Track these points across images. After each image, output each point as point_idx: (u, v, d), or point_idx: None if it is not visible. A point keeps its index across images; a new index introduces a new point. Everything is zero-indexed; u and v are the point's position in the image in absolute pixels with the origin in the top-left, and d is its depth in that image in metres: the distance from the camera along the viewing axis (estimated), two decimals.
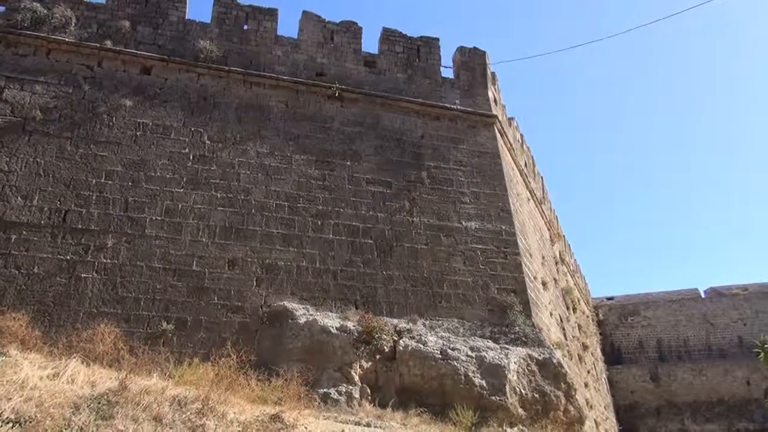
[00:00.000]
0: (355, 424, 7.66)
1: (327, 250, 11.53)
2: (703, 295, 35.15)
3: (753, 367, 28.17)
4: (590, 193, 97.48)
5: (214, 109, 12.40)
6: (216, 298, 10.41)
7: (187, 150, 11.70)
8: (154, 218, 10.77)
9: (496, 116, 15.05)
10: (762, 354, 10.84)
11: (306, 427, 6.17)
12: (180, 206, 11.04)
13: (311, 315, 10.41)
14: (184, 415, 5.76)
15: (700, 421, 30.25)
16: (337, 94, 13.37)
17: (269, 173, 12.02)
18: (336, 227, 11.84)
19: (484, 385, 9.97)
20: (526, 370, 10.67)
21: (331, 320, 10.32)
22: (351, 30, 14.45)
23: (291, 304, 10.59)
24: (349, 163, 12.75)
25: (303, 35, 14.00)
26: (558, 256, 20.94)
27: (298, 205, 11.85)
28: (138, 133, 11.56)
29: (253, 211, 11.47)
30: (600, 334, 32.41)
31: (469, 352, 10.45)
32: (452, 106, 14.48)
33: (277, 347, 9.99)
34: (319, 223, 11.78)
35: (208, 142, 11.94)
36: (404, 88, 14.27)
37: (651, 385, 31.80)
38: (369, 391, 9.72)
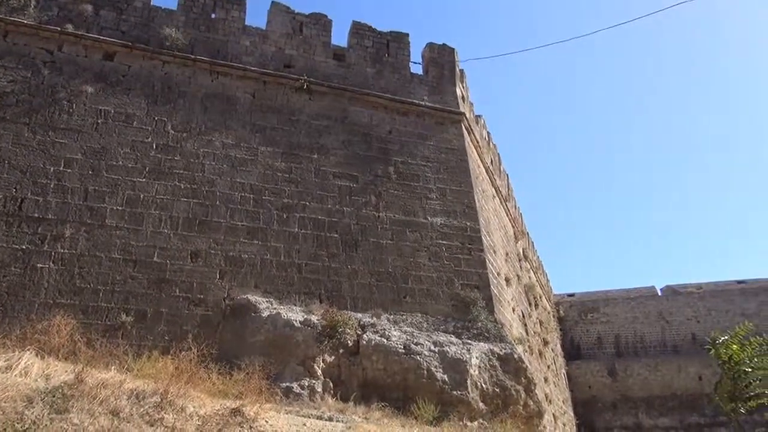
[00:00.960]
0: (317, 418, 7.65)
1: (292, 243, 11.47)
2: (659, 293, 36.12)
3: (705, 363, 29.05)
4: (554, 191, 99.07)
5: (179, 98, 12.18)
6: (177, 290, 10.26)
7: (150, 139, 11.47)
8: (114, 208, 10.54)
9: (463, 113, 15.16)
10: (713, 350, 11.20)
11: (267, 421, 6.13)
12: (142, 196, 10.82)
13: (275, 308, 10.35)
14: (141, 409, 5.66)
15: (653, 416, 31.16)
16: (305, 87, 13.27)
17: (234, 165, 11.87)
18: (302, 221, 11.78)
19: (446, 379, 10.08)
20: (488, 365, 10.81)
21: (294, 314, 10.27)
22: (320, 22, 14.35)
23: (254, 298, 10.50)
24: (316, 156, 12.69)
25: (271, 26, 13.85)
26: (521, 253, 21.25)
27: (264, 197, 11.75)
28: (99, 121, 11.28)
29: (218, 202, 11.32)
30: (560, 329, 33.05)
31: (432, 347, 10.54)
32: (420, 102, 14.53)
33: (239, 341, 9.90)
34: (285, 216, 11.70)
35: (172, 132, 11.73)
36: (373, 82, 14.26)
37: (608, 380, 32.58)
38: (332, 385, 9.72)
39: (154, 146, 11.42)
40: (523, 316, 17.61)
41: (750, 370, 10.58)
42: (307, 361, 9.71)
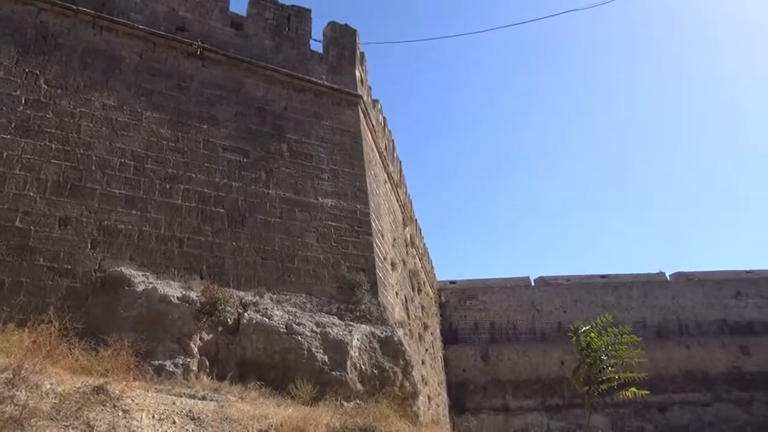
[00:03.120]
0: (190, 397, 7.39)
1: (174, 215, 10.94)
2: (533, 284, 38.52)
3: (567, 349, 31.33)
4: (444, 180, 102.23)
5: (56, 50, 11.14)
6: (42, 259, 9.45)
7: (18, 92, 10.40)
8: None
9: (361, 96, 15.15)
10: (574, 338, 12.14)
11: (133, 400, 5.82)
12: (5, 154, 9.81)
13: (151, 283, 9.84)
14: None
15: (519, 398, 33.30)
16: (198, 53, 12.64)
17: (115, 128, 11.09)
18: (186, 193, 11.26)
19: (326, 360, 10.11)
20: (368, 347, 10.97)
21: (172, 289, 9.82)
22: None
23: (129, 271, 9.92)
24: (205, 126, 12.15)
25: None
26: (409, 239, 21.73)
27: (146, 165, 11.09)
28: None
29: (94, 167, 10.53)
30: (441, 315, 34.33)
31: (315, 328, 10.53)
32: (319, 81, 14.34)
33: (109, 315, 9.31)
34: (168, 186, 11.12)
35: (45, 87, 10.72)
36: (271, 56, 13.85)
37: (481, 364, 34.36)
38: (208, 363, 9.42)
39: (23, 101, 10.38)
40: (406, 301, 18.06)
41: (605, 357, 11.58)
42: (183, 339, 9.34)
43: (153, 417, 5.77)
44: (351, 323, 11.14)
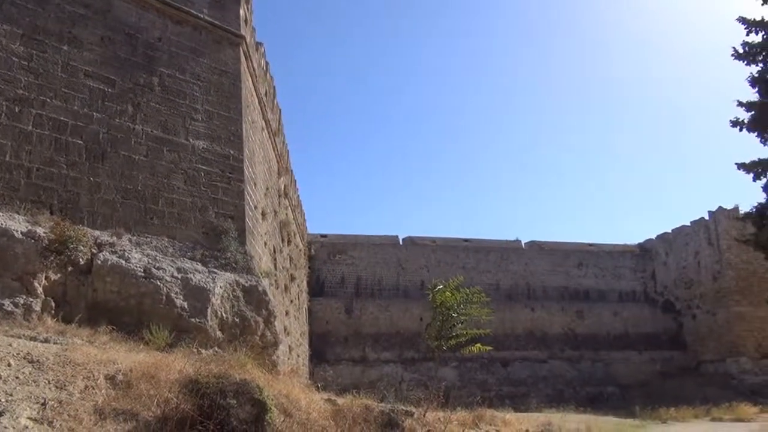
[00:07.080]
0: (30, 339, 6.91)
1: (23, 142, 9.92)
2: (401, 243, 39.88)
3: (427, 306, 32.75)
4: (325, 134, 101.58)
5: None
6: None
7: None
8: None
9: (244, 37, 14.49)
10: (431, 295, 12.82)
11: None
12: None
13: None
14: None
15: (378, 350, 34.79)
16: None
17: None
18: (38, 118, 10.22)
19: (186, 306, 9.86)
20: (231, 295, 10.84)
21: (16, 223, 8.98)
22: None
23: None
24: (66, 48, 11.01)
25: None
26: (282, 189, 21.47)
27: None
28: None
29: None
30: (309, 267, 34.58)
31: (176, 273, 10.19)
32: (199, 15, 13.46)
33: None
34: (17, 110, 10.02)
35: None
36: None
37: (344, 317, 35.33)
38: (54, 305, 8.81)
39: None
40: (275, 251, 17.95)
41: (456, 315, 12.38)
42: (26, 277, 8.62)
43: None
44: (215, 270, 10.91)
